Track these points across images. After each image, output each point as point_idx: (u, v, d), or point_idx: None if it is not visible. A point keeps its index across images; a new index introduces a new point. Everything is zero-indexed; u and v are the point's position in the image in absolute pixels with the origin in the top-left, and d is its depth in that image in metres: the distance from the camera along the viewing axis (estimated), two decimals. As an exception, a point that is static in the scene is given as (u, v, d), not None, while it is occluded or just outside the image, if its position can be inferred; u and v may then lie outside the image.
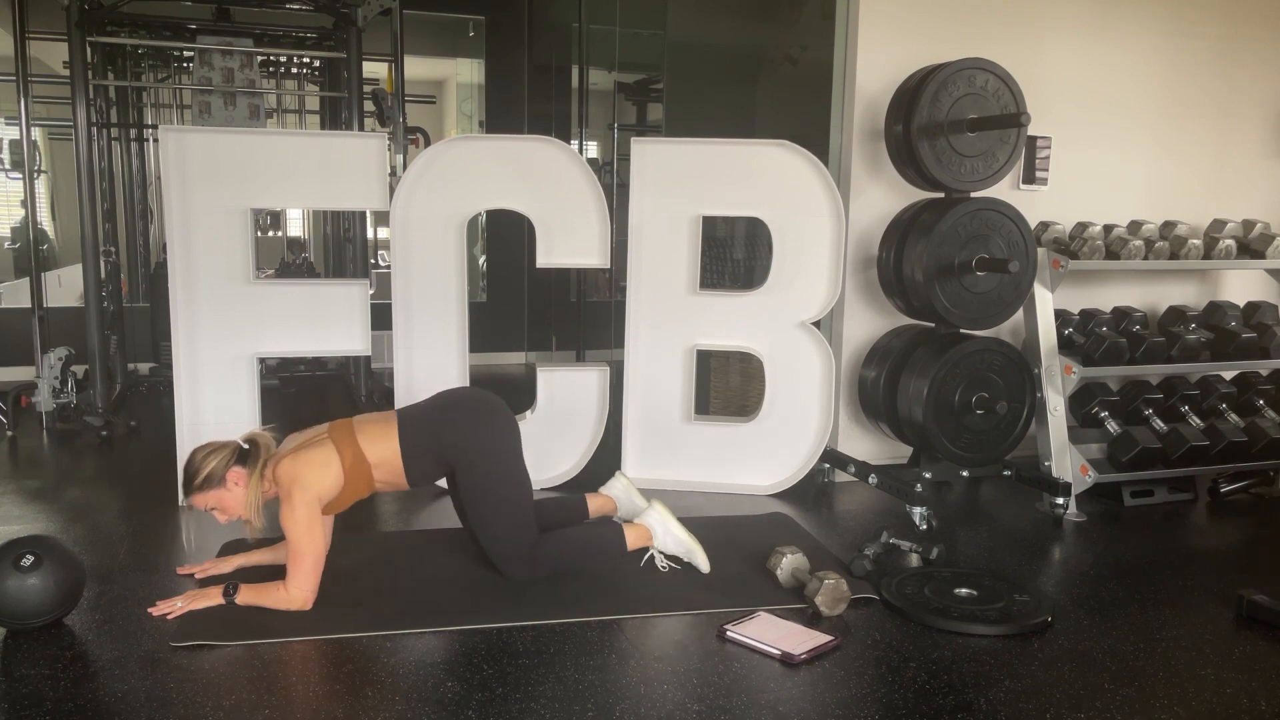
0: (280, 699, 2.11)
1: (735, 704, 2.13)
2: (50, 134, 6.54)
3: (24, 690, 2.14)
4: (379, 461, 2.65)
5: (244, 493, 2.56)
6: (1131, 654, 2.43)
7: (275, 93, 6.40)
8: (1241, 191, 4.40)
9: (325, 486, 2.57)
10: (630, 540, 2.86)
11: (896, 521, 3.38)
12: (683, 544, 2.88)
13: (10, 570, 2.36)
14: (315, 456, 2.58)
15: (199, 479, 2.55)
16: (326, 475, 2.57)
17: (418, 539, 3.20)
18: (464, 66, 7.16)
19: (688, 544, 2.88)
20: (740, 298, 3.73)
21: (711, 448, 3.76)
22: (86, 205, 4.51)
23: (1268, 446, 3.75)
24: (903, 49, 3.75)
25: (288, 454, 2.60)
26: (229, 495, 2.57)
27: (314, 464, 2.56)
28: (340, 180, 3.50)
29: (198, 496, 2.57)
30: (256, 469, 2.58)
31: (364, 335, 3.57)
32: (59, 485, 3.73)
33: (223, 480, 2.55)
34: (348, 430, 2.66)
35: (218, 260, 3.41)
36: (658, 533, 2.89)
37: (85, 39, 4.47)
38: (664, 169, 3.64)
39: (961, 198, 3.50)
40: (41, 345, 4.56)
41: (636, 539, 2.87)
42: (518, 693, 2.16)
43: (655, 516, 2.91)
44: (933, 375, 3.42)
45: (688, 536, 2.88)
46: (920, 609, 2.60)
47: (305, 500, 2.51)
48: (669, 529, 2.89)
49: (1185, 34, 4.20)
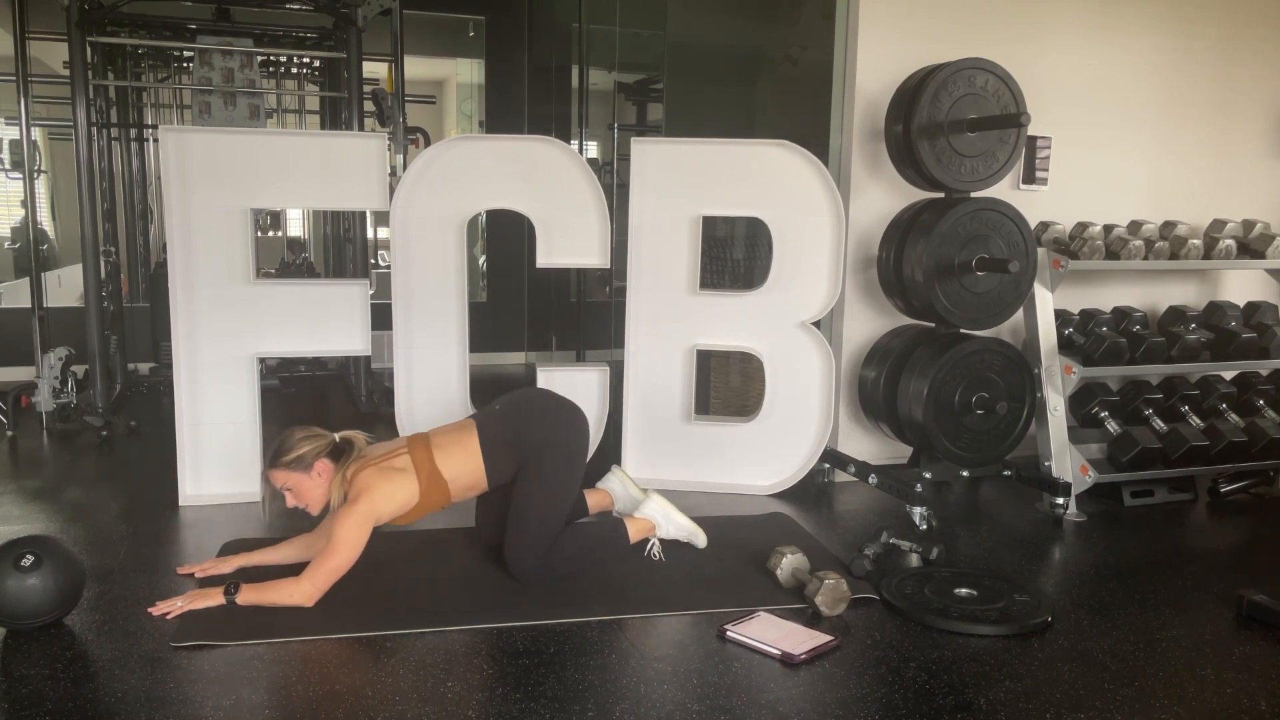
0: (280, 699, 2.11)
1: (735, 704, 2.13)
2: (50, 134, 6.54)
3: (24, 690, 2.14)
4: (456, 475, 2.71)
5: (325, 486, 2.64)
6: (1131, 654, 2.43)
7: (275, 93, 6.40)
8: (1241, 191, 4.41)
9: (391, 508, 2.64)
10: (633, 534, 2.89)
11: (896, 521, 3.38)
12: (684, 529, 2.98)
13: (10, 570, 2.36)
14: (394, 475, 2.64)
15: (289, 457, 2.60)
16: (396, 497, 2.63)
17: (418, 539, 3.20)
18: (464, 66, 7.16)
19: (689, 528, 2.98)
20: (740, 298, 3.73)
21: (711, 448, 3.76)
22: (86, 205, 4.51)
23: (1268, 446, 3.75)
24: (903, 49, 3.75)
25: (371, 463, 2.65)
26: (309, 483, 2.63)
27: (390, 482, 2.62)
28: (340, 180, 3.50)
29: (280, 473, 2.62)
30: (343, 468, 2.64)
31: (364, 335, 3.57)
32: (59, 485, 3.73)
33: (309, 467, 2.62)
34: (425, 448, 2.71)
35: (218, 260, 3.41)
36: (660, 523, 2.96)
37: (85, 39, 4.47)
38: (664, 169, 3.64)
39: (961, 198, 3.50)
40: (41, 345, 4.56)
41: (638, 532, 2.92)
42: (518, 693, 2.16)
43: (655, 507, 2.98)
44: (933, 375, 3.42)
45: (688, 521, 2.98)
46: (920, 609, 2.60)
47: (367, 514, 2.57)
48: (670, 518, 2.97)
49: (1185, 34, 4.20)
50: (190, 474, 3.47)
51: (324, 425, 2.75)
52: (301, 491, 2.64)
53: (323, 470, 2.64)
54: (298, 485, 2.63)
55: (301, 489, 2.64)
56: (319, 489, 2.64)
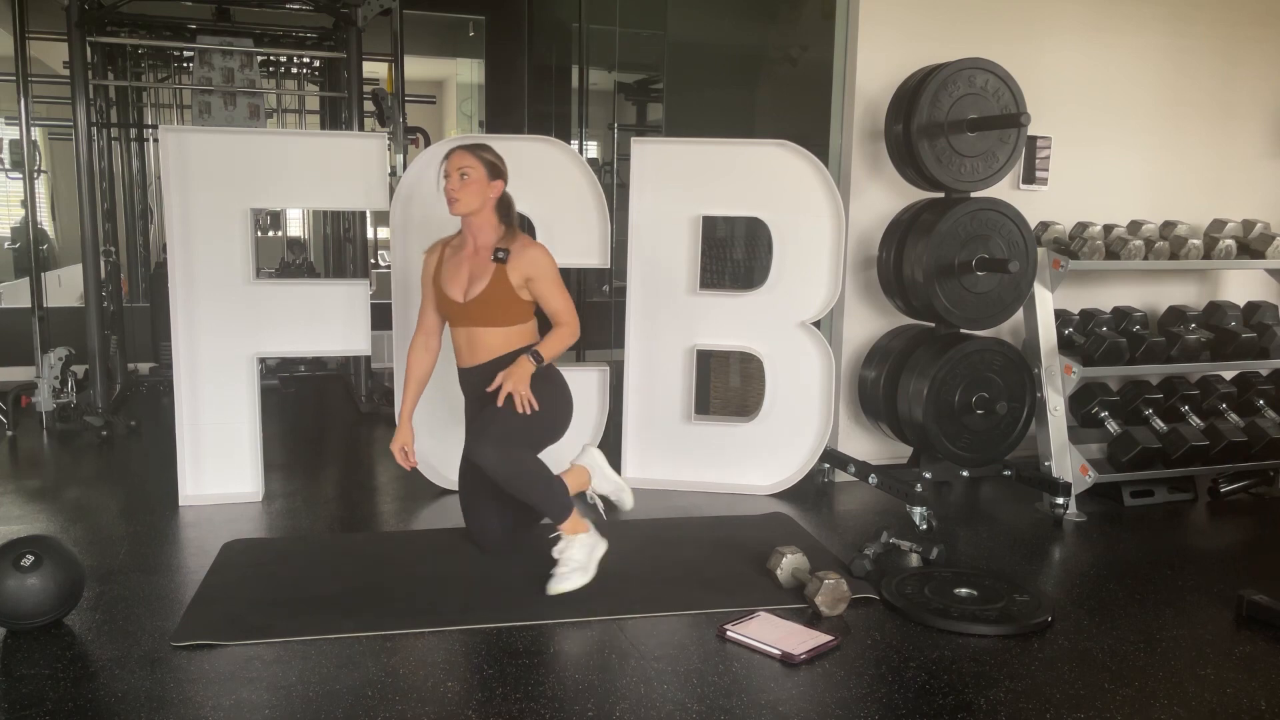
0: (280, 699, 2.11)
1: (735, 704, 2.13)
2: (50, 134, 6.56)
3: (24, 690, 2.14)
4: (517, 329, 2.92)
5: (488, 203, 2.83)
6: (1131, 654, 2.43)
7: (275, 93, 6.41)
8: (1241, 191, 4.40)
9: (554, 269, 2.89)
10: (571, 486, 2.91)
11: (896, 521, 3.38)
12: (614, 482, 3.09)
13: (10, 570, 2.36)
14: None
15: (490, 156, 2.82)
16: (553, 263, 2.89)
17: (418, 539, 3.20)
18: (464, 66, 7.17)
19: (618, 481, 3.10)
20: (740, 298, 3.73)
21: (712, 448, 3.76)
22: (86, 205, 4.52)
23: (1268, 446, 3.75)
24: (903, 49, 3.75)
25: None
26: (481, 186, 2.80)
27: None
28: (340, 180, 3.50)
29: (470, 158, 2.79)
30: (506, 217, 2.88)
31: (364, 335, 3.57)
32: (59, 485, 3.73)
33: (494, 178, 2.82)
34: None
35: (218, 260, 3.41)
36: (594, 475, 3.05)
37: (85, 39, 4.47)
38: (664, 169, 3.64)
39: (961, 198, 3.50)
40: (41, 345, 4.56)
41: (575, 484, 2.96)
42: (518, 693, 2.16)
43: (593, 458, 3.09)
44: (933, 375, 3.42)
45: (617, 475, 3.12)
46: (920, 609, 2.60)
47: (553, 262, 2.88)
48: (604, 473, 3.07)
49: (1185, 34, 4.20)
50: (190, 474, 3.47)
51: (324, 425, 2.75)
52: (470, 187, 2.78)
53: (495, 191, 2.83)
54: (474, 178, 2.78)
55: (472, 185, 2.78)
56: (482, 199, 2.81)
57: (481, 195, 2.81)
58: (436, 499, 3.59)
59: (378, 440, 4.46)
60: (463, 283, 2.88)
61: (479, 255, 2.88)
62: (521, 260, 2.83)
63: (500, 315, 2.86)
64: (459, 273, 2.90)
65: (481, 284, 2.84)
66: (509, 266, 2.82)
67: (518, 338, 2.90)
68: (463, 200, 2.79)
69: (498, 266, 2.83)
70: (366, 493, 3.76)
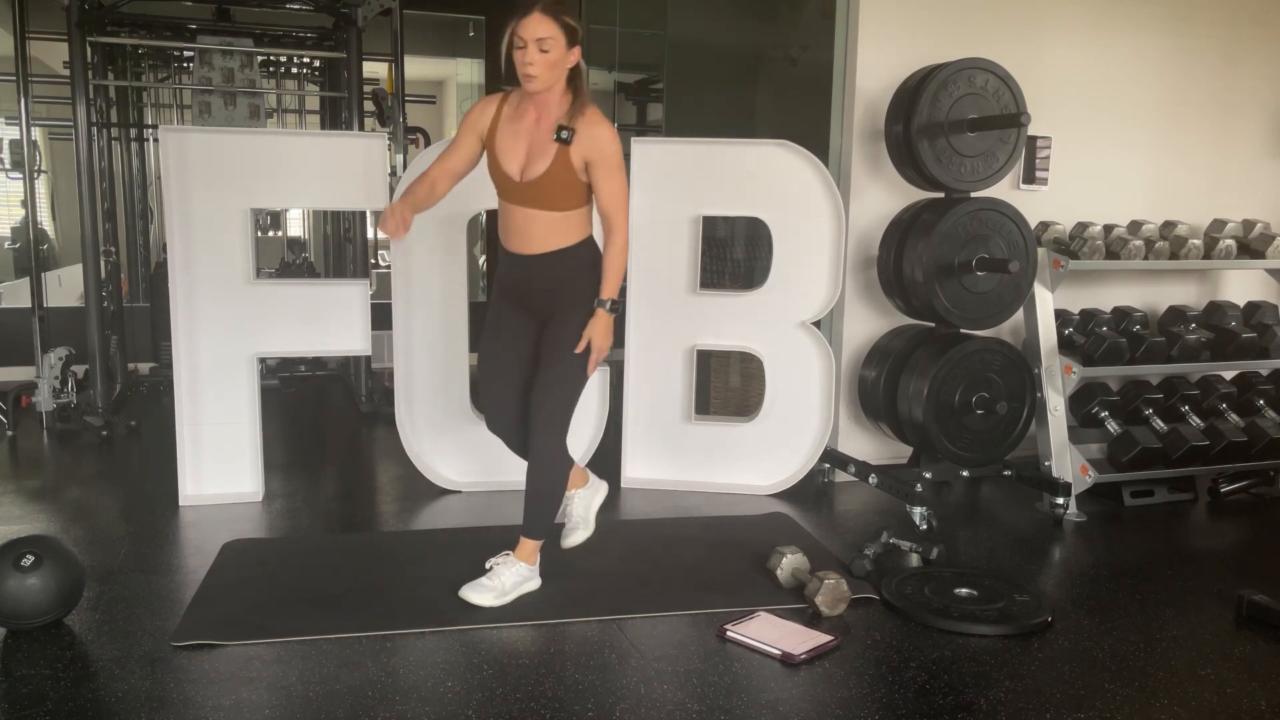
0: (280, 699, 2.11)
1: (735, 704, 2.13)
2: (50, 134, 6.55)
3: (24, 690, 2.14)
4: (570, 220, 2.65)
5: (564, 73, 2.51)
6: (1131, 654, 2.44)
7: (275, 93, 6.41)
8: (1241, 191, 4.40)
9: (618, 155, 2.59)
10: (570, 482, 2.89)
11: (896, 521, 3.38)
12: (585, 518, 2.97)
13: (10, 570, 2.36)
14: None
15: (570, 19, 2.46)
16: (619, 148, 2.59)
17: (418, 539, 3.20)
18: (464, 66, 7.17)
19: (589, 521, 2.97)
20: (740, 298, 3.73)
21: (712, 448, 3.76)
22: (86, 205, 4.51)
23: (1268, 446, 3.75)
24: (903, 49, 3.75)
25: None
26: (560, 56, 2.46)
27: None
28: (340, 180, 3.50)
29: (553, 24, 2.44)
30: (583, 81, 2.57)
31: (364, 335, 3.56)
32: (59, 485, 3.73)
33: (574, 45, 2.48)
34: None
35: (218, 260, 3.41)
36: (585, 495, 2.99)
37: (85, 39, 4.47)
38: (664, 169, 3.64)
39: (961, 198, 3.50)
40: (41, 345, 4.56)
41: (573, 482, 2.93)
42: (518, 693, 2.16)
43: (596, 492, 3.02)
44: (933, 375, 3.42)
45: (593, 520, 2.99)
46: (920, 609, 2.60)
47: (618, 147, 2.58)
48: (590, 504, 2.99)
49: (1185, 33, 4.20)
50: (190, 474, 3.47)
51: (324, 425, 2.75)
52: (551, 59, 2.45)
53: (573, 59, 2.50)
54: (555, 51, 2.45)
55: (555, 56, 2.45)
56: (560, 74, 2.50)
57: (561, 69, 2.50)
58: (436, 499, 3.59)
59: (378, 440, 4.46)
60: (520, 158, 2.58)
61: (540, 128, 2.57)
62: (583, 140, 2.52)
63: (559, 200, 2.58)
64: (517, 144, 2.59)
65: (541, 165, 2.55)
66: (571, 147, 2.53)
67: (576, 225, 2.64)
68: (541, 77, 2.47)
69: (560, 147, 2.53)
70: (366, 493, 3.76)
